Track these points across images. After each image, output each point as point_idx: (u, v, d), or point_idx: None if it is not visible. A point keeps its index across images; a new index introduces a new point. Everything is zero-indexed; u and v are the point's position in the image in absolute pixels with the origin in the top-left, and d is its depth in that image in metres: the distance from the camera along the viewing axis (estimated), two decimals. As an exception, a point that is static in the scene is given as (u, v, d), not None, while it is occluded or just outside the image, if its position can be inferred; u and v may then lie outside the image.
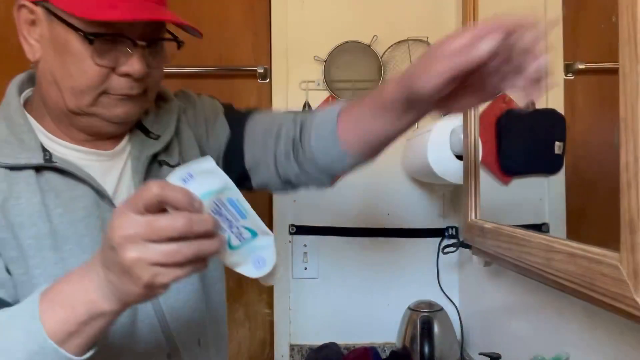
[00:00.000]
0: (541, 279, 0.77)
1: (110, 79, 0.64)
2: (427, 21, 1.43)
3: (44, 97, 0.67)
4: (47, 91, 0.66)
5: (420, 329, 1.22)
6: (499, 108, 1.20)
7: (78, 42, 0.62)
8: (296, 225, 1.44)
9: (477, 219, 1.07)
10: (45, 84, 0.66)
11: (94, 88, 0.64)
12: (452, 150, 1.15)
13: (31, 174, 0.64)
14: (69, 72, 0.63)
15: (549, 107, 1.03)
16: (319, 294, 1.44)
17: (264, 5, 1.49)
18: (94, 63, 0.62)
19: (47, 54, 0.65)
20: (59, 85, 0.64)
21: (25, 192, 0.63)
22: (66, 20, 0.61)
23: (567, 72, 0.93)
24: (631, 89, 0.53)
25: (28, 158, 0.64)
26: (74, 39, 0.62)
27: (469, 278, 1.36)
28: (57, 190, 0.65)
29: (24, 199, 0.63)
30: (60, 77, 0.64)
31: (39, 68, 0.66)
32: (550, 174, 1.01)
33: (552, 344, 0.86)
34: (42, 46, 0.65)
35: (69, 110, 0.66)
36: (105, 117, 0.67)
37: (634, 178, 0.53)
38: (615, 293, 0.57)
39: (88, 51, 0.62)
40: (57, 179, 0.66)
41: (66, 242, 0.64)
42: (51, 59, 0.64)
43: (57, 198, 0.65)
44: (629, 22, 0.53)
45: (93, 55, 0.62)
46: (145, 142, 0.74)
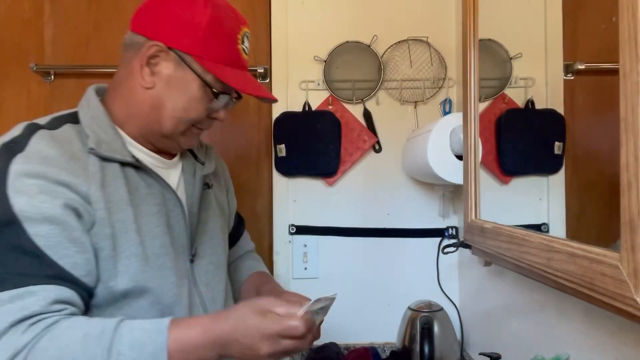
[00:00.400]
0: (541, 279, 0.77)
1: (203, 119, 0.85)
2: (427, 21, 1.43)
3: (137, 113, 0.82)
4: (148, 112, 0.81)
5: (420, 329, 1.22)
6: (499, 108, 1.20)
7: (200, 90, 0.81)
8: (296, 225, 1.44)
9: (477, 219, 1.07)
10: (148, 107, 0.81)
11: (192, 122, 0.83)
12: (452, 150, 1.15)
13: (117, 168, 0.78)
14: (181, 106, 0.81)
15: (549, 107, 1.03)
16: (319, 294, 1.43)
17: (264, 5, 1.49)
18: (205, 108, 0.83)
19: (161, 85, 0.80)
20: (161, 112, 0.80)
21: (114, 181, 0.77)
22: (200, 75, 0.80)
23: (567, 72, 0.93)
24: (631, 89, 0.53)
25: (121, 154, 0.78)
26: (196, 87, 0.80)
27: (469, 278, 1.36)
28: (135, 184, 0.80)
29: (114, 187, 0.76)
30: (168, 108, 0.80)
31: (145, 92, 0.80)
32: (550, 174, 1.01)
33: (552, 344, 0.86)
34: (159, 78, 0.80)
35: (161, 133, 0.82)
36: (182, 143, 0.86)
37: (634, 178, 0.53)
38: (615, 293, 0.57)
39: (206, 99, 0.82)
40: (135, 175, 0.80)
41: (145, 228, 0.79)
42: (164, 90, 0.80)
43: (136, 191, 0.79)
44: (629, 22, 0.53)
45: (208, 103, 0.83)
46: (195, 163, 0.94)
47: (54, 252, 0.67)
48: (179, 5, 0.79)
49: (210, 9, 0.79)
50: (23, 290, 0.64)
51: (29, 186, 0.67)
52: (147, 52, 0.78)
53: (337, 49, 1.42)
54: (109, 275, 0.73)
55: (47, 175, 0.69)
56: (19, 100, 1.48)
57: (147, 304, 0.77)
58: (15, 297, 0.63)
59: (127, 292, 0.75)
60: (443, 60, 1.43)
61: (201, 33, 0.78)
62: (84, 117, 0.80)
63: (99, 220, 0.73)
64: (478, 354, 1.13)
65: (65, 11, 1.48)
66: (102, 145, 0.76)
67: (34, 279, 0.65)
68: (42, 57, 1.47)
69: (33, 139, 0.72)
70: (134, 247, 0.76)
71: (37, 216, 0.66)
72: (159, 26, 0.79)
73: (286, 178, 1.44)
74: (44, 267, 0.66)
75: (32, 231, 0.66)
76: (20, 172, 0.68)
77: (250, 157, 1.52)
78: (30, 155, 0.70)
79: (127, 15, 1.48)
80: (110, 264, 0.73)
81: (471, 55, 1.09)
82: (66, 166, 0.71)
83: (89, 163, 0.74)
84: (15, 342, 0.62)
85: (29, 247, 0.65)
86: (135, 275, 0.75)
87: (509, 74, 1.20)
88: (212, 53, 0.79)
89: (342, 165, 1.43)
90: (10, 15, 1.48)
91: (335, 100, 1.44)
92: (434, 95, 1.44)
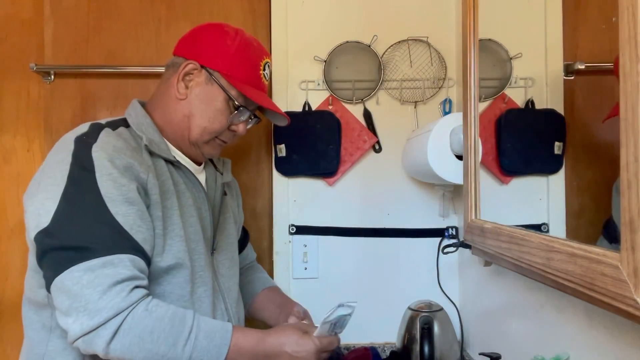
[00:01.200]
0: (541, 279, 0.77)
1: (225, 131, 1.00)
2: (427, 21, 1.43)
3: (172, 120, 0.97)
4: (180, 120, 0.96)
5: (420, 329, 1.22)
6: (499, 108, 1.20)
7: (224, 103, 0.96)
8: (296, 225, 1.44)
9: (477, 219, 1.07)
10: (181, 115, 0.96)
11: (215, 133, 0.98)
12: (452, 150, 1.15)
13: (163, 163, 0.92)
14: (207, 117, 0.96)
15: (549, 107, 1.03)
16: (319, 294, 1.44)
17: (264, 5, 1.49)
18: (226, 119, 0.98)
19: (193, 98, 0.95)
20: (191, 121, 0.95)
21: (163, 174, 0.91)
22: (225, 89, 0.96)
23: (567, 72, 0.93)
24: (631, 89, 0.53)
25: (166, 154, 0.93)
26: (221, 100, 0.96)
27: (469, 278, 1.36)
28: (176, 179, 0.94)
29: (162, 179, 0.90)
30: (197, 117, 0.95)
31: (179, 103, 0.96)
32: (550, 174, 1.01)
33: (552, 344, 0.86)
34: (191, 91, 0.96)
35: (189, 139, 0.96)
36: (205, 152, 1.01)
37: (634, 178, 0.53)
38: (615, 293, 0.57)
39: (228, 111, 0.97)
40: (175, 172, 0.95)
41: (184, 216, 0.92)
42: (195, 102, 0.95)
43: (177, 185, 0.94)
44: (629, 22, 0.53)
45: (229, 115, 0.98)
46: (215, 172, 1.09)
47: (130, 227, 0.79)
48: (213, 34, 0.98)
49: (239, 39, 0.98)
50: (112, 258, 0.75)
51: (110, 170, 0.80)
52: (184, 69, 0.95)
53: (337, 49, 1.42)
54: (157, 252, 0.85)
55: (122, 163, 0.81)
56: (19, 100, 1.48)
57: (182, 281, 0.89)
58: (107, 263, 0.75)
59: (169, 267, 0.87)
60: (443, 60, 1.43)
61: (230, 56, 0.96)
62: (134, 122, 0.93)
63: (153, 204, 0.86)
64: (478, 354, 1.13)
65: (65, 11, 1.48)
66: (153, 144, 0.90)
67: (118, 249, 0.77)
68: (42, 57, 1.47)
69: (102, 133, 0.85)
70: (178, 229, 0.90)
71: (118, 198, 0.79)
72: (195, 49, 0.97)
73: (286, 178, 1.44)
74: (124, 240, 0.78)
75: (114, 210, 0.78)
76: (102, 158, 0.80)
77: (250, 157, 1.52)
78: (103, 145, 0.83)
79: (127, 15, 1.49)
80: (160, 242, 0.86)
81: (471, 55, 1.09)
82: (132, 155, 0.85)
83: (143, 157, 0.88)
84: (119, 302, 0.74)
85: (112, 223, 0.78)
86: (177, 253, 0.88)
87: (509, 74, 1.20)
88: (238, 74, 0.96)
89: (342, 165, 1.43)
90: (10, 15, 1.48)
91: (335, 100, 1.44)
92: (434, 95, 1.44)
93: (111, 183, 0.79)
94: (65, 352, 0.83)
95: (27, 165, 1.49)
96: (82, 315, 0.72)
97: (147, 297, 0.79)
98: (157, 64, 1.48)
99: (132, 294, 0.75)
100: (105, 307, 0.72)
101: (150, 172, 0.86)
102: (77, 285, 0.72)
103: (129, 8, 1.49)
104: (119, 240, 0.77)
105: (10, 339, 1.46)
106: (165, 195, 0.89)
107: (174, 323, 0.78)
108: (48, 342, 0.84)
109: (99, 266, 0.74)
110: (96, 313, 0.72)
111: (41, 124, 1.49)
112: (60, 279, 0.73)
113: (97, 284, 0.73)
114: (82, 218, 0.77)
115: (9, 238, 1.47)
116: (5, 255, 1.46)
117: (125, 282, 0.75)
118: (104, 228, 0.77)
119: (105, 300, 0.73)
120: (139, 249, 0.80)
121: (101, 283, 0.73)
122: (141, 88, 1.50)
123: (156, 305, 0.79)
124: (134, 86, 1.50)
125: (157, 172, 0.89)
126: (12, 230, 1.47)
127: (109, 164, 0.80)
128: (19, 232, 1.47)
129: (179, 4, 1.49)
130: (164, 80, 0.99)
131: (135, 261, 0.78)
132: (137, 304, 0.76)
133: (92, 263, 0.74)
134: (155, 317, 0.77)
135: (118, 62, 1.49)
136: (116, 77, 1.49)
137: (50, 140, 1.49)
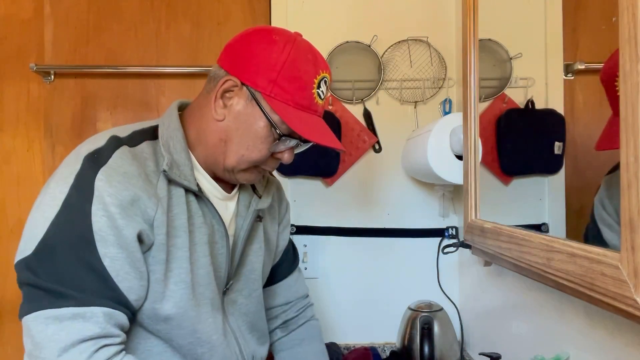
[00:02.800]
0: (541, 279, 0.77)
1: (268, 159, 0.84)
2: (427, 21, 1.43)
3: (205, 141, 0.82)
4: (215, 144, 0.81)
5: (420, 329, 1.22)
6: (499, 108, 1.20)
7: (265, 129, 0.79)
8: (296, 225, 1.44)
9: (477, 219, 1.07)
10: (216, 138, 0.81)
11: (254, 163, 0.82)
12: (452, 150, 1.15)
13: (182, 192, 0.79)
14: (245, 144, 0.80)
15: (549, 107, 1.03)
16: (319, 294, 1.44)
17: (264, 5, 1.49)
18: (268, 148, 0.81)
19: (231, 119, 0.80)
20: (228, 146, 0.81)
21: (177, 207, 0.78)
22: (267, 114, 0.79)
23: (567, 72, 0.93)
24: (631, 89, 0.53)
25: (188, 181, 0.79)
26: (262, 125, 0.79)
27: (469, 278, 1.36)
28: (194, 211, 0.81)
29: (176, 212, 0.78)
30: (234, 142, 0.80)
31: (216, 124, 0.81)
32: (550, 174, 1.01)
33: (552, 344, 0.86)
34: (229, 112, 0.80)
35: (224, 165, 0.82)
36: (240, 179, 0.85)
37: (634, 178, 0.53)
38: (615, 293, 0.57)
39: (270, 139, 0.80)
40: (194, 202, 0.82)
41: (194, 256, 0.80)
42: (233, 125, 0.80)
43: (192, 218, 0.81)
44: (629, 22, 0.53)
45: (272, 144, 0.81)
46: (252, 195, 0.94)
47: (116, 274, 0.69)
48: (259, 44, 0.80)
49: (289, 51, 0.80)
50: (84, 310, 0.66)
51: (109, 207, 0.69)
52: (222, 86, 0.80)
53: (337, 49, 1.42)
54: (156, 298, 0.76)
55: (127, 196, 0.71)
56: (19, 100, 1.48)
57: (184, 332, 0.80)
58: (77, 315, 0.66)
59: (169, 317, 0.77)
60: (443, 60, 1.43)
61: (275, 73, 0.78)
62: (163, 135, 0.81)
63: (156, 245, 0.75)
64: (478, 354, 1.13)
65: (65, 11, 1.48)
66: (174, 169, 0.78)
67: (95, 300, 0.67)
68: (42, 57, 1.48)
69: (116, 153, 0.74)
70: (184, 274, 0.78)
71: (110, 238, 0.69)
72: (238, 62, 0.81)
73: (286, 178, 1.44)
74: (105, 289, 0.69)
75: (102, 251, 0.68)
76: (104, 189, 0.70)
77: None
78: (111, 170, 0.72)
79: (127, 15, 1.49)
80: (160, 287, 0.76)
81: (471, 55, 1.09)
82: (142, 185, 0.73)
83: (158, 186, 0.76)
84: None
85: (96, 267, 0.68)
86: (180, 302, 0.78)
87: (509, 74, 1.20)
88: (284, 94, 0.79)
89: (342, 165, 1.43)
90: (10, 15, 1.48)
91: (335, 100, 1.44)
92: (434, 95, 1.44)
93: (106, 220, 0.69)
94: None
95: (27, 166, 1.49)
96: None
97: (119, 354, 0.70)
98: (157, 64, 1.49)
99: (97, 355, 0.67)
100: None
101: (160, 207, 0.75)
102: (41, 334, 0.65)
103: (129, 8, 1.49)
104: (98, 289, 0.68)
105: (10, 339, 1.46)
106: (174, 233, 0.78)
107: None
108: None
109: (68, 317, 0.66)
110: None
111: (41, 124, 1.49)
112: (26, 320, 0.67)
113: (60, 339, 0.65)
114: (66, 254, 0.68)
115: (9, 238, 1.47)
116: (5, 255, 1.46)
117: (91, 340, 0.67)
118: (86, 271, 0.68)
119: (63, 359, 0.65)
120: (121, 300, 0.71)
121: (64, 339, 0.65)
122: (141, 88, 1.50)
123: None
124: (134, 86, 1.50)
125: (170, 205, 0.78)
126: (11, 230, 1.48)
127: (109, 200, 0.70)
128: (18, 232, 1.46)
129: (179, 4, 1.49)
130: (204, 93, 0.85)
131: (111, 315, 0.69)
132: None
133: (61, 312, 0.66)
134: None
135: (118, 62, 1.49)
136: (116, 77, 1.49)
137: (50, 140, 1.49)
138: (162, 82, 1.50)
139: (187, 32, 1.49)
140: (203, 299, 0.82)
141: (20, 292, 0.69)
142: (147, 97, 1.50)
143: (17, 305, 0.69)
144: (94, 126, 1.50)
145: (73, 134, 1.49)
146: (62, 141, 1.49)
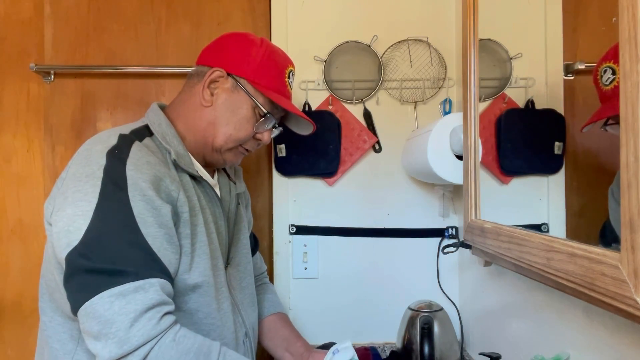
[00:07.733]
0: (541, 279, 0.77)
1: (249, 139, 0.99)
2: (427, 21, 1.43)
3: (195, 127, 0.95)
4: (205, 127, 0.94)
5: (420, 329, 1.22)
6: (499, 108, 1.20)
7: (250, 111, 0.96)
8: (296, 225, 1.44)
9: (477, 219, 1.07)
10: (206, 123, 0.94)
11: (240, 141, 0.97)
12: (452, 150, 1.15)
13: (188, 178, 0.91)
14: (233, 125, 0.95)
15: (549, 107, 1.03)
16: (319, 294, 1.44)
17: (264, 5, 1.49)
18: (252, 127, 0.97)
19: (218, 105, 0.94)
20: (217, 128, 0.94)
21: (188, 189, 0.89)
22: (252, 96, 0.95)
23: (567, 72, 0.93)
24: (631, 89, 0.53)
25: (191, 169, 0.91)
26: (247, 107, 0.95)
27: (469, 278, 1.36)
28: (199, 194, 0.93)
29: (189, 194, 0.89)
30: (222, 124, 0.94)
31: (204, 110, 0.95)
32: (550, 174, 1.01)
33: (552, 344, 0.86)
34: (216, 99, 0.95)
35: (213, 146, 0.95)
36: (227, 160, 0.99)
37: (634, 178, 0.53)
38: (615, 293, 0.57)
39: (254, 119, 0.97)
40: (197, 187, 0.93)
41: (207, 232, 0.91)
42: (220, 109, 0.94)
43: (200, 200, 0.92)
44: (629, 22, 0.53)
45: (255, 123, 0.97)
46: (229, 182, 1.07)
47: (158, 250, 0.78)
48: (240, 43, 0.97)
49: (265, 47, 0.98)
50: (143, 282, 0.75)
51: (145, 191, 0.79)
52: (210, 76, 0.94)
53: (337, 49, 1.42)
54: (184, 269, 0.85)
55: (156, 182, 0.81)
56: (19, 100, 1.48)
57: (209, 299, 0.90)
58: (138, 288, 0.74)
59: (196, 285, 0.87)
60: (443, 60, 1.43)
61: (256, 63, 0.95)
62: (157, 131, 0.91)
63: (182, 222, 0.85)
64: (478, 354, 1.13)
65: (65, 11, 1.48)
66: (180, 159, 0.89)
67: (149, 273, 0.76)
68: (42, 57, 1.48)
69: (134, 147, 0.83)
70: (204, 246, 0.89)
71: (149, 220, 0.78)
72: (222, 57, 0.96)
73: (286, 178, 1.44)
74: (154, 263, 0.78)
75: (145, 231, 0.77)
76: (136, 177, 0.79)
77: (250, 157, 1.52)
78: (137, 161, 0.81)
79: (127, 15, 1.49)
80: (188, 259, 0.85)
81: (471, 55, 1.09)
82: (164, 172, 0.84)
83: (172, 172, 0.87)
84: (149, 330, 0.73)
85: (144, 245, 0.77)
86: (204, 270, 0.88)
87: (509, 74, 1.20)
88: (264, 81, 0.96)
89: (342, 165, 1.43)
90: (10, 15, 1.48)
91: (335, 100, 1.44)
92: (434, 95, 1.44)
93: (144, 204, 0.78)
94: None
95: (27, 165, 1.49)
96: (111, 343, 0.71)
97: (175, 324, 0.79)
98: (157, 64, 1.49)
99: (162, 322, 0.75)
100: (135, 336, 0.72)
101: (181, 189, 0.85)
102: (109, 312, 0.71)
103: (129, 8, 1.49)
104: (149, 263, 0.77)
105: (10, 340, 1.46)
106: (193, 212, 0.88)
107: (199, 358, 0.78)
108: (74, 354, 0.84)
109: (131, 291, 0.73)
110: (125, 341, 0.71)
111: (41, 124, 1.49)
112: (90, 304, 0.72)
113: (129, 311, 0.72)
114: (114, 238, 0.75)
115: (9, 238, 1.47)
116: (5, 255, 1.46)
117: (156, 307, 0.75)
118: (136, 250, 0.76)
119: (135, 328, 0.72)
120: (166, 271, 0.79)
121: (133, 310, 0.72)
122: (141, 88, 1.50)
123: (184, 336, 0.78)
124: (134, 86, 1.50)
125: (185, 188, 0.88)
126: (12, 230, 1.47)
127: (143, 185, 0.78)
128: (19, 232, 1.47)
129: (179, 4, 1.49)
130: (186, 89, 0.98)
131: (164, 285, 0.77)
132: (165, 333, 0.75)
133: (124, 288, 0.73)
134: (181, 349, 0.76)
135: (118, 62, 1.49)
136: (116, 77, 1.49)
137: (50, 140, 1.49)
138: (162, 82, 1.50)
139: (187, 32, 1.49)
140: (217, 270, 0.93)
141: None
142: (147, 97, 1.50)
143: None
144: (93, 126, 1.50)
145: (73, 134, 1.49)
146: (62, 141, 1.49)
